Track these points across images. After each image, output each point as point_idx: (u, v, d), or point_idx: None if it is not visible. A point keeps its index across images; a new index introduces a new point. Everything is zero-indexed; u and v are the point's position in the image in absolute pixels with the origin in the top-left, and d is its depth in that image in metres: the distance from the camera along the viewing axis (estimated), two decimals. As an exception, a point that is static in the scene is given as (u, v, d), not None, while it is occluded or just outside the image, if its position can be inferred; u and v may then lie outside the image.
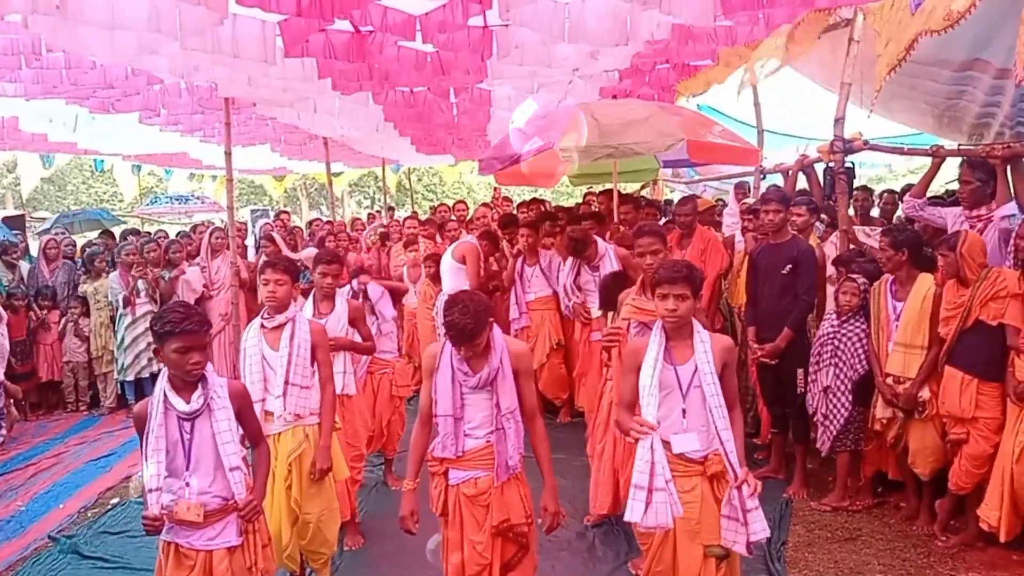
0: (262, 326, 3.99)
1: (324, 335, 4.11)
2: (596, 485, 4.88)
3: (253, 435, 3.28)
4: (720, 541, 3.14)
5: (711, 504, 3.16)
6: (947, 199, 6.58)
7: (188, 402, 2.97)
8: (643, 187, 11.83)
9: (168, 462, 2.96)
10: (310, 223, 13.59)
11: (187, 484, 2.98)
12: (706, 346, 3.20)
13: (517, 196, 15.88)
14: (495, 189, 12.11)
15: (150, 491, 2.93)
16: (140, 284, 8.09)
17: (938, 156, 5.74)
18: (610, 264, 6.32)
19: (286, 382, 3.88)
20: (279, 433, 3.90)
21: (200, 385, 3.01)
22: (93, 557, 4.84)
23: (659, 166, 9.55)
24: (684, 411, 3.18)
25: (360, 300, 5.43)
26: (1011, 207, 4.84)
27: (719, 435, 3.13)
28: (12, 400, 7.47)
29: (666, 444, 3.13)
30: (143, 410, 3.02)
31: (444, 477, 3.33)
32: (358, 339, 4.93)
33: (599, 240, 6.62)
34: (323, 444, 3.93)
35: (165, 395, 2.97)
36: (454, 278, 6.88)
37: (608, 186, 9.44)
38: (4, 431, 7.21)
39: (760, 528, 3.08)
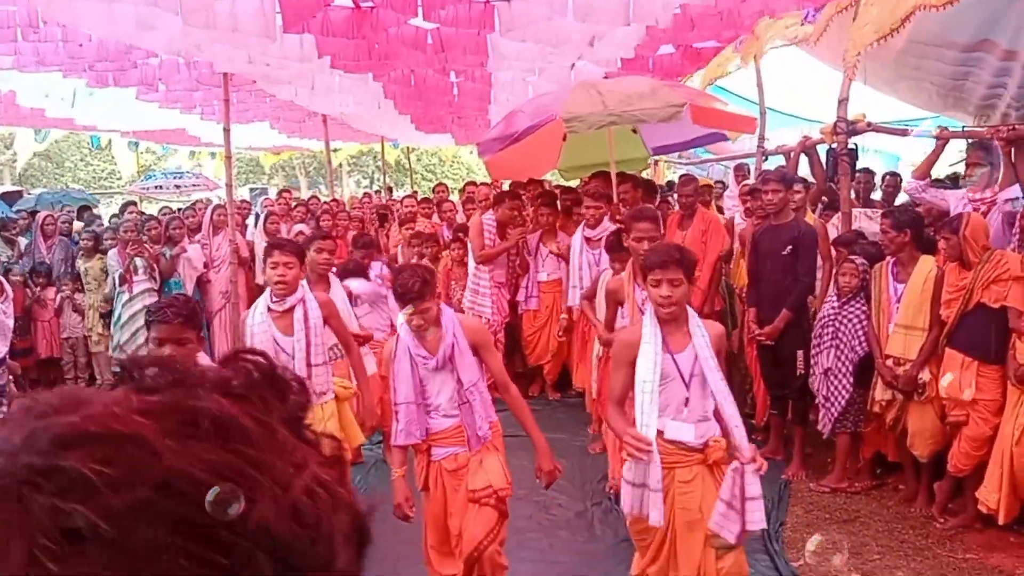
0: (270, 309, 3.90)
1: (331, 305, 4.10)
2: (613, 455, 4.88)
3: None
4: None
5: (713, 493, 3.07)
6: (947, 183, 6.57)
7: None
8: (643, 168, 11.75)
9: None
10: (307, 201, 13.53)
11: None
12: (703, 330, 3.14)
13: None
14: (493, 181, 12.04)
15: None
16: (138, 261, 8.05)
17: (942, 138, 5.71)
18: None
19: (308, 364, 3.84)
20: None
21: None
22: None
23: (648, 155, 9.48)
24: (687, 400, 3.11)
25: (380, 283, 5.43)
26: (1015, 190, 4.83)
27: (728, 419, 3.07)
28: (12, 377, 7.46)
29: (659, 433, 3.10)
30: None
31: (427, 454, 3.40)
32: (352, 322, 4.83)
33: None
34: (368, 403, 4.00)
35: None
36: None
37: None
38: (4, 408, 7.20)
39: (758, 519, 3.01)
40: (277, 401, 0.49)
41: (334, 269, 5.33)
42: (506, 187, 8.98)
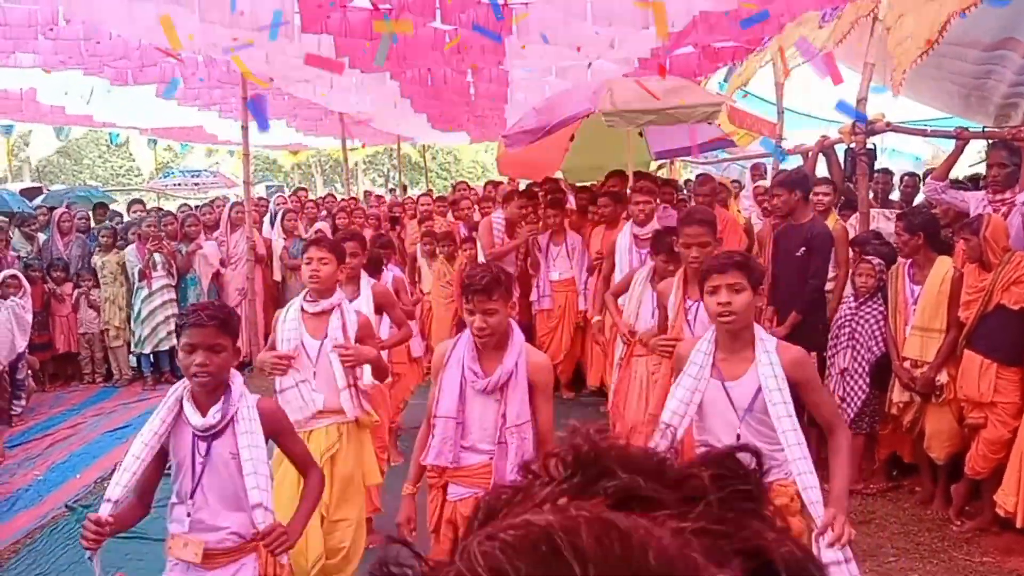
0: (303, 310, 3.64)
1: (369, 328, 3.88)
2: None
3: (301, 461, 2.81)
4: None
5: None
6: (968, 184, 6.51)
7: (205, 415, 2.52)
8: (660, 167, 11.73)
9: (177, 483, 2.57)
10: (323, 199, 13.59)
11: (188, 515, 2.55)
12: (771, 357, 2.62)
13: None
14: (510, 180, 12.03)
15: (107, 500, 2.50)
16: (156, 257, 8.11)
17: (962, 139, 5.66)
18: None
19: (349, 385, 3.60)
20: (311, 431, 3.55)
21: (222, 397, 2.54)
22: (110, 527, 4.88)
23: (651, 159, 9.46)
24: (739, 437, 2.66)
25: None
26: None
27: (793, 467, 2.62)
28: (31, 371, 7.54)
29: None
30: None
31: (442, 491, 2.98)
32: (382, 331, 4.67)
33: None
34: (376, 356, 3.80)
35: (181, 404, 2.56)
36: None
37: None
38: (23, 402, 7.28)
39: None
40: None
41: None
42: (523, 186, 8.99)
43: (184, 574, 2.56)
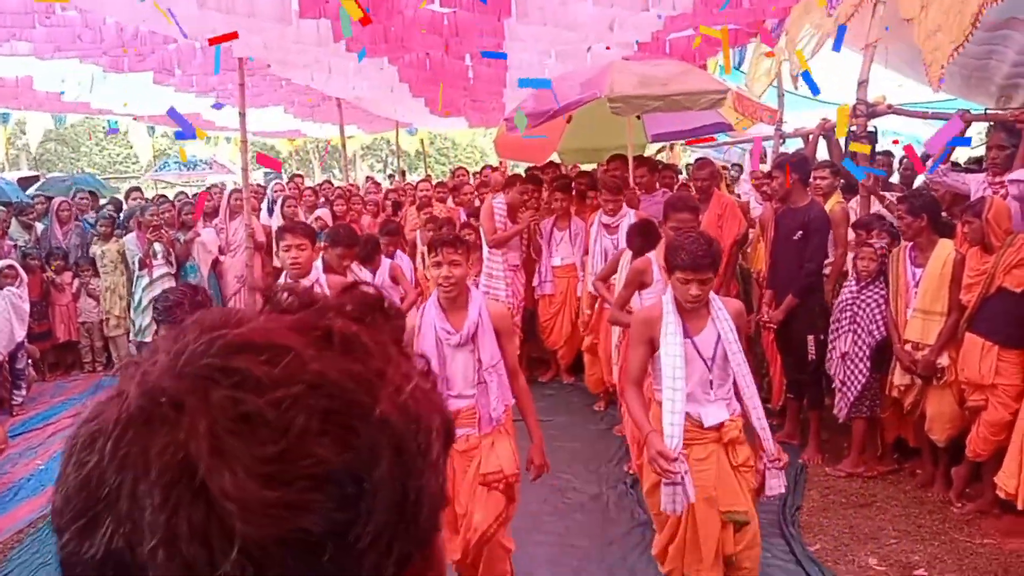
0: None
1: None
2: (632, 439, 4.88)
3: None
4: (737, 507, 3.15)
5: (728, 471, 3.16)
6: (973, 167, 6.49)
7: None
8: (659, 150, 11.70)
9: None
10: (320, 185, 13.53)
11: None
12: (724, 312, 3.15)
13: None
14: (500, 162, 11.97)
15: None
16: (157, 246, 8.09)
17: (964, 121, 5.63)
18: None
19: None
20: None
21: None
22: (113, 515, 4.89)
23: (647, 141, 9.43)
24: (711, 382, 3.15)
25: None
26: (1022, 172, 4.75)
27: (746, 402, 3.14)
28: (31, 360, 7.55)
29: (687, 416, 3.13)
30: None
31: None
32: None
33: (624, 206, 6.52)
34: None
35: None
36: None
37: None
38: (24, 391, 7.29)
39: (776, 485, 3.18)
40: (385, 323, 0.61)
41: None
42: (521, 170, 8.96)
43: None
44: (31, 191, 12.68)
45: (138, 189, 11.80)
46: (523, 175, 7.72)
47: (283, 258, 3.95)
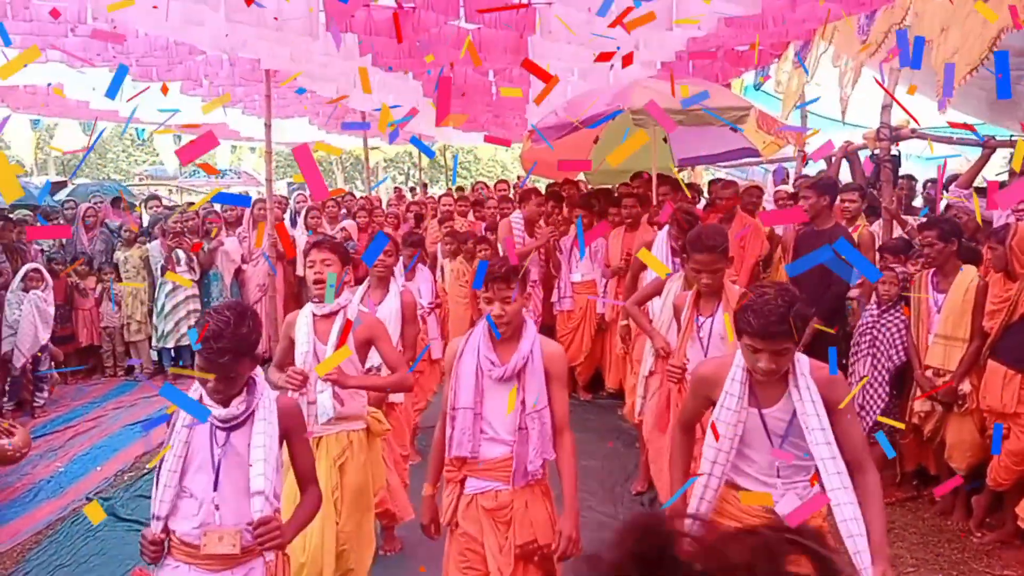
0: (313, 314, 3.56)
1: (380, 327, 3.70)
2: (658, 480, 4.66)
3: (304, 472, 2.69)
4: None
5: None
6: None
7: (226, 406, 2.46)
8: (681, 170, 11.68)
9: (187, 478, 2.46)
10: (342, 197, 13.62)
11: (216, 507, 2.43)
12: (808, 381, 2.51)
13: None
14: (518, 178, 12.03)
15: (156, 518, 2.43)
16: (179, 253, 8.19)
17: (988, 147, 5.60)
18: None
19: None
20: (320, 437, 3.49)
21: (244, 390, 2.49)
22: (129, 520, 4.94)
23: (674, 165, 9.42)
24: (778, 469, 2.58)
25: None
26: None
27: (831, 496, 2.43)
28: (54, 362, 7.64)
29: (733, 487, 2.65)
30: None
31: (460, 485, 2.94)
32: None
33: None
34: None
35: (201, 398, 2.50)
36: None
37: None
38: (46, 393, 7.38)
39: None
40: None
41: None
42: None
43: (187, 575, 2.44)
44: (60, 196, 12.85)
45: (156, 197, 11.94)
46: (539, 189, 7.74)
47: (308, 275, 3.63)
